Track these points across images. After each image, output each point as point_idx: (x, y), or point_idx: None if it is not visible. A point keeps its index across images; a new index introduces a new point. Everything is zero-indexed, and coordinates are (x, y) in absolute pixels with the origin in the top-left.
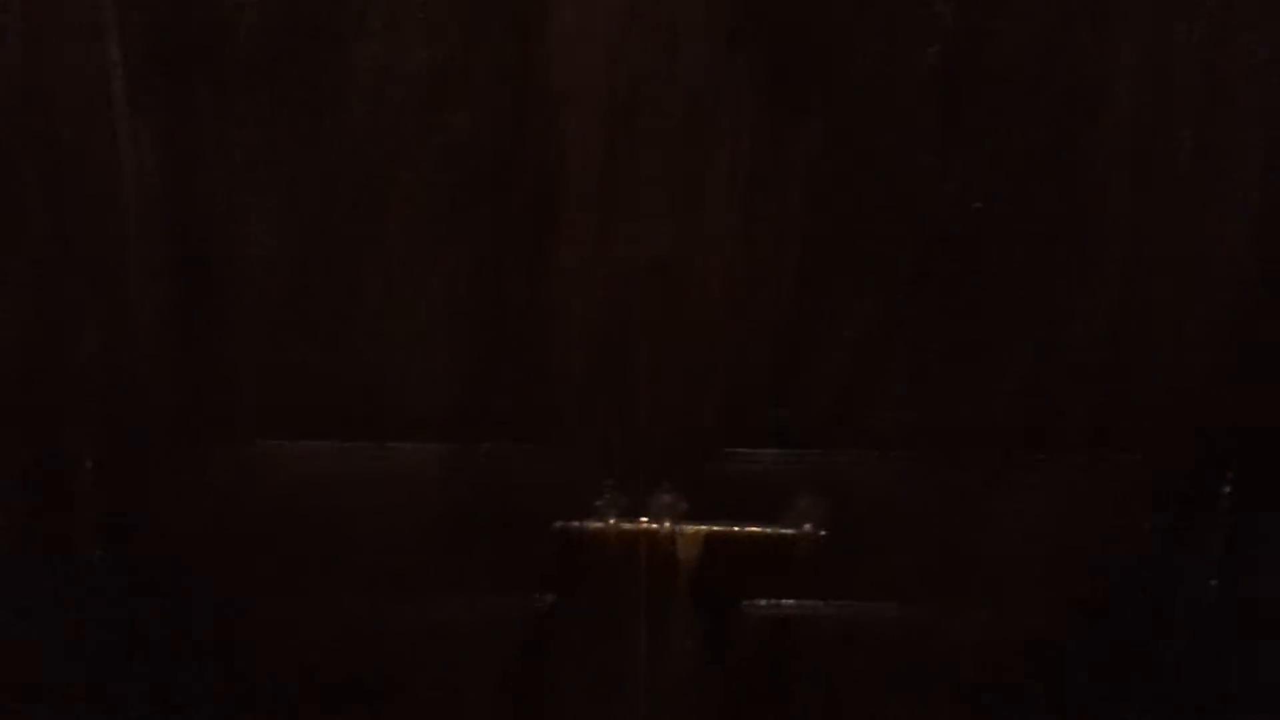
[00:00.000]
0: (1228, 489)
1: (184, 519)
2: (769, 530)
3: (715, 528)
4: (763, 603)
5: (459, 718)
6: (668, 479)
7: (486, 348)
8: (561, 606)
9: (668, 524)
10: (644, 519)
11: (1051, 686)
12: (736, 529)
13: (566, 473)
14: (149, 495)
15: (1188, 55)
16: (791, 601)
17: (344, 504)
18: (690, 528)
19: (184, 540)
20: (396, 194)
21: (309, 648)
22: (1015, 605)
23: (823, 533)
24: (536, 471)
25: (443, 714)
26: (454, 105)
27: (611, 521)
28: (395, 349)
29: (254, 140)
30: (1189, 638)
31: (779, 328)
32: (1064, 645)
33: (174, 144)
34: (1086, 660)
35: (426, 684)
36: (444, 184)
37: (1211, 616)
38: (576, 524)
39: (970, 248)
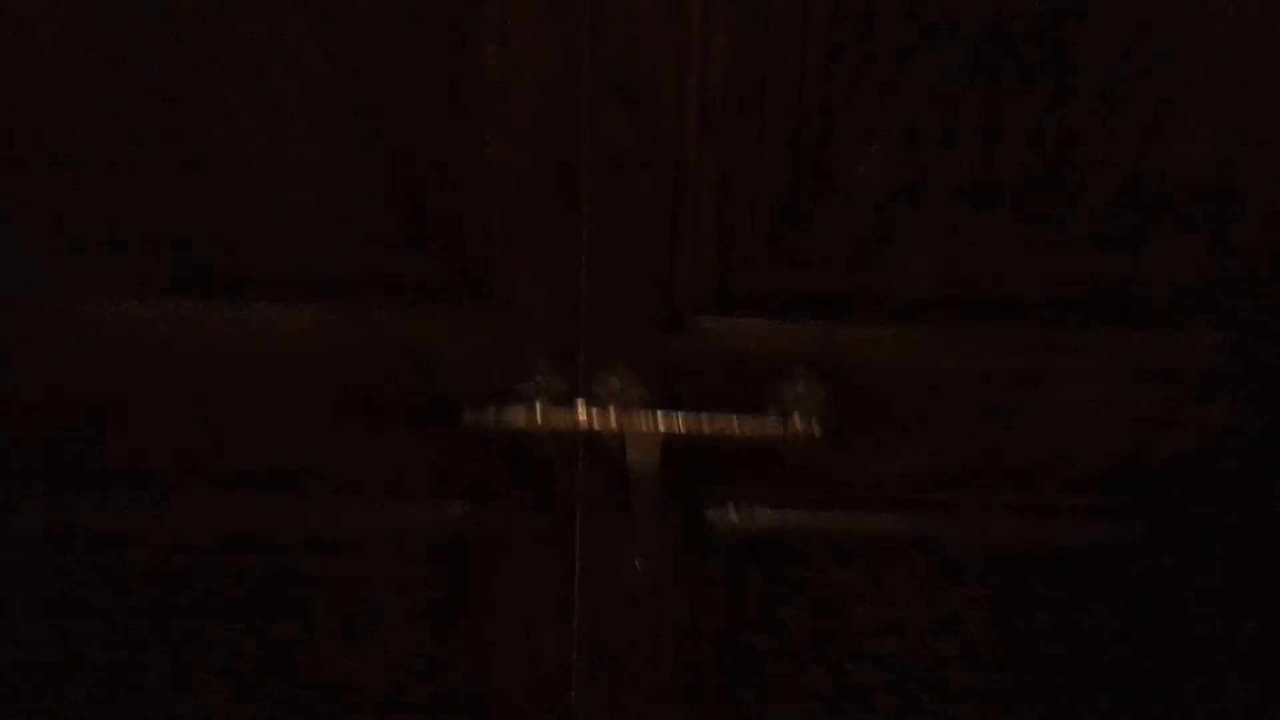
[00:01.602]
0: None
1: None
2: (748, 425)
3: (679, 422)
4: (735, 515)
5: (360, 648)
6: (618, 358)
7: (383, 181)
8: (477, 517)
9: (615, 416)
10: (583, 410)
11: (1089, 609)
12: (705, 424)
13: (485, 347)
14: None
15: None
16: (773, 512)
17: (199, 382)
18: (644, 421)
19: None
20: None
21: (165, 561)
22: (1050, 515)
23: (816, 429)
24: (446, 345)
25: (340, 644)
26: None
27: (539, 412)
28: (263, 178)
29: None
30: (1252, 550)
31: (773, 160)
32: (1108, 558)
33: None
34: (1133, 575)
35: (317, 606)
36: None
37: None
38: (493, 415)
39: (1028, 53)
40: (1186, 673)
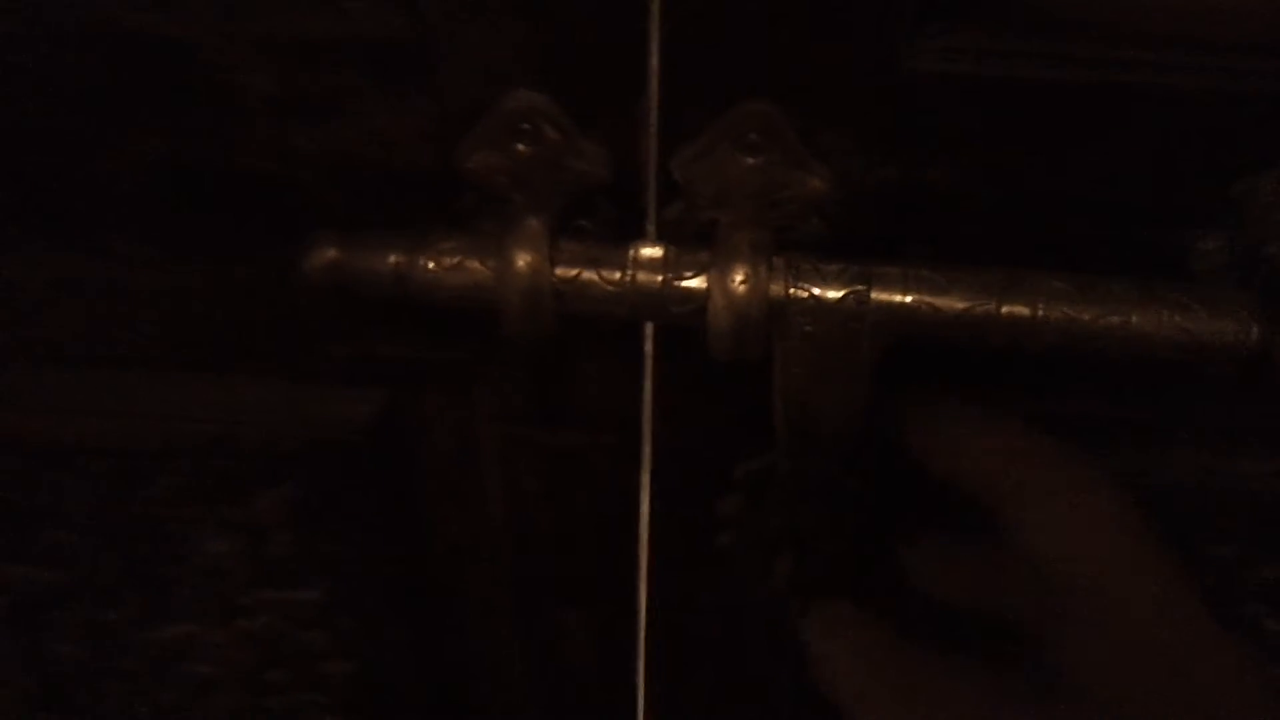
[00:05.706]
0: None
1: None
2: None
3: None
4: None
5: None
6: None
7: None
8: (409, 414)
9: (749, 263)
10: (655, 251)
11: None
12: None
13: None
14: None
15: None
16: None
17: None
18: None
19: None
20: None
21: None
22: None
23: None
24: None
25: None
26: None
27: (514, 258)
28: None
29: None
30: None
31: None
32: None
33: None
34: None
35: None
36: None
37: None
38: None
39: None
40: None
